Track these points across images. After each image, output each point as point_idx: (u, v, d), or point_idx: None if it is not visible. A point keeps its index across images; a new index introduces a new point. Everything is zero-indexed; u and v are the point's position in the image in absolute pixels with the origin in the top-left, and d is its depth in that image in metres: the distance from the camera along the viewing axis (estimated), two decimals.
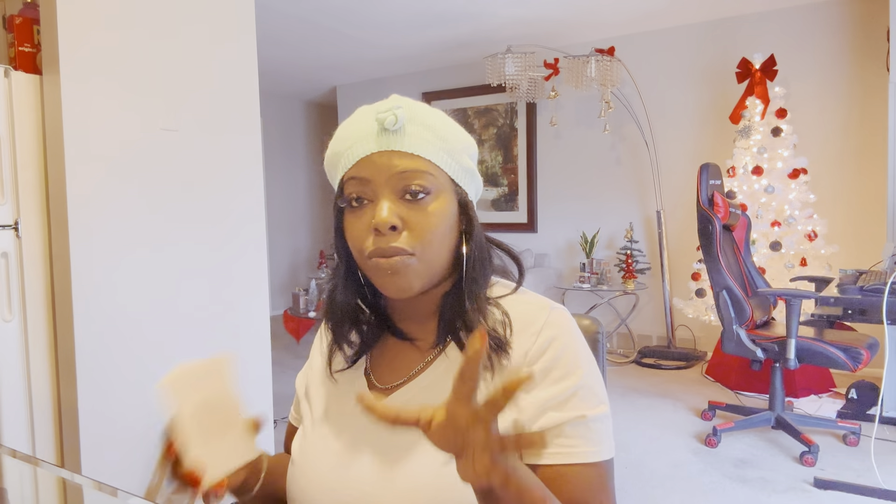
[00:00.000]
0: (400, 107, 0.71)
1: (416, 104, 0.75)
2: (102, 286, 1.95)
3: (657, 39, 4.62)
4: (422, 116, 0.73)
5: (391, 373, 0.79)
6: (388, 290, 0.73)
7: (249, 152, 2.40)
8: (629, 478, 2.59)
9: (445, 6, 4.03)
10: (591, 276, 4.62)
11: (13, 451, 1.03)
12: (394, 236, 0.70)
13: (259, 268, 2.45)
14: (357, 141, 0.72)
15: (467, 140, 0.78)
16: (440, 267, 0.74)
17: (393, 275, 0.71)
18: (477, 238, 0.76)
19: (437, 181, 0.72)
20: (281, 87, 6.39)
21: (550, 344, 0.71)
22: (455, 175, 0.74)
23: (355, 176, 0.72)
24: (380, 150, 0.71)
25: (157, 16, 2.08)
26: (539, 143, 5.23)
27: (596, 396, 0.72)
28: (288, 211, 6.90)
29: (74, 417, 1.90)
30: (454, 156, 0.74)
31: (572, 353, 0.72)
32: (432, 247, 0.71)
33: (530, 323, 0.73)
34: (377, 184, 0.71)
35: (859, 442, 2.84)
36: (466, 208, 0.76)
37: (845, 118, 4.00)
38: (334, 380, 0.82)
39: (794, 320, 2.66)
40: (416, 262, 0.71)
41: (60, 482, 0.97)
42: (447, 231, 0.73)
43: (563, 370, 0.71)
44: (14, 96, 1.85)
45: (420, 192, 0.70)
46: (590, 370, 0.73)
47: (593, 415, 0.70)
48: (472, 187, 0.78)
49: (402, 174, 0.70)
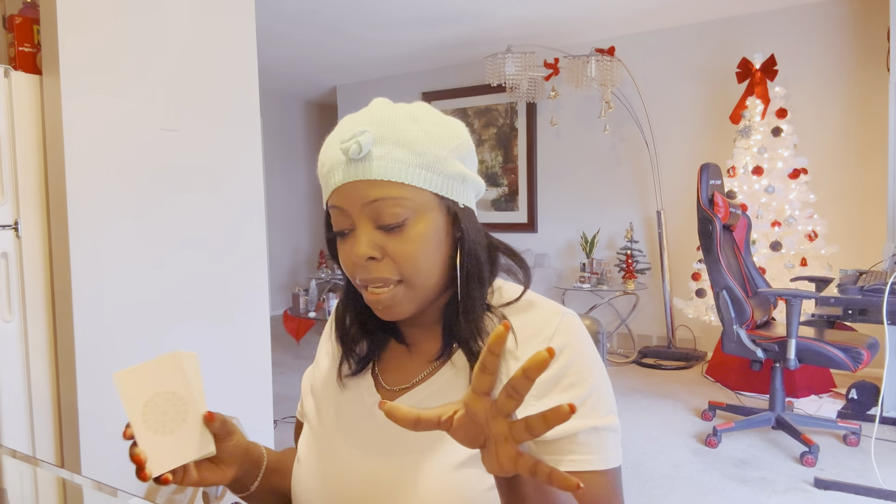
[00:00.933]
0: (365, 131, 0.67)
1: (391, 116, 0.70)
2: (102, 286, 1.95)
3: (657, 39, 4.62)
4: (395, 134, 0.68)
5: (398, 376, 0.78)
6: (384, 318, 0.73)
7: (249, 152, 2.40)
8: (629, 478, 2.59)
9: (445, 6, 4.03)
10: (591, 276, 4.62)
11: (13, 451, 1.03)
12: (376, 267, 0.69)
13: (259, 268, 2.45)
14: (330, 169, 0.70)
15: (455, 140, 0.72)
16: (433, 284, 0.72)
17: (384, 308, 0.71)
18: (471, 248, 0.72)
19: (414, 203, 0.68)
20: (281, 87, 6.39)
21: (562, 351, 0.70)
22: (438, 189, 0.70)
23: (334, 205, 0.71)
24: (349, 181, 0.69)
25: (157, 16, 2.08)
26: (539, 143, 5.23)
27: (606, 405, 0.71)
28: (288, 211, 6.90)
29: (74, 417, 1.90)
30: (436, 168, 0.70)
31: (584, 361, 0.71)
32: (418, 271, 0.70)
33: (541, 330, 0.72)
34: (353, 214, 0.69)
35: (859, 442, 2.84)
36: (458, 218, 0.72)
37: (845, 118, 4.00)
38: (343, 384, 0.81)
39: (794, 320, 2.66)
40: (405, 288, 0.70)
41: (60, 482, 0.97)
42: (433, 251, 0.70)
43: (574, 377, 0.70)
44: (14, 96, 1.85)
45: (394, 223, 0.68)
46: (601, 378, 0.72)
47: (604, 424, 0.70)
48: (466, 192, 0.74)
49: (373, 203, 0.68)
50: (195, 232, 2.22)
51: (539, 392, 0.69)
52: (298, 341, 4.90)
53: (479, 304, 0.73)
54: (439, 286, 0.73)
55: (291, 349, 4.99)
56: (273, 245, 6.53)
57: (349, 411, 0.79)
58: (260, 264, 2.45)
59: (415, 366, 0.78)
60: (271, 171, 6.55)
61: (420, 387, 0.75)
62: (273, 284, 6.61)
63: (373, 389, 0.78)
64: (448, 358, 0.75)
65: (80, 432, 1.90)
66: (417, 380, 0.76)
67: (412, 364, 0.78)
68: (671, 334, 4.52)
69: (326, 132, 0.76)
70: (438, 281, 0.72)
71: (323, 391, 0.84)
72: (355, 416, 0.78)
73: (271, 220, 6.52)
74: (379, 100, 0.74)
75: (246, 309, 2.40)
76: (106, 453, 1.96)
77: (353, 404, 0.79)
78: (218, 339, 2.29)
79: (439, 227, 0.71)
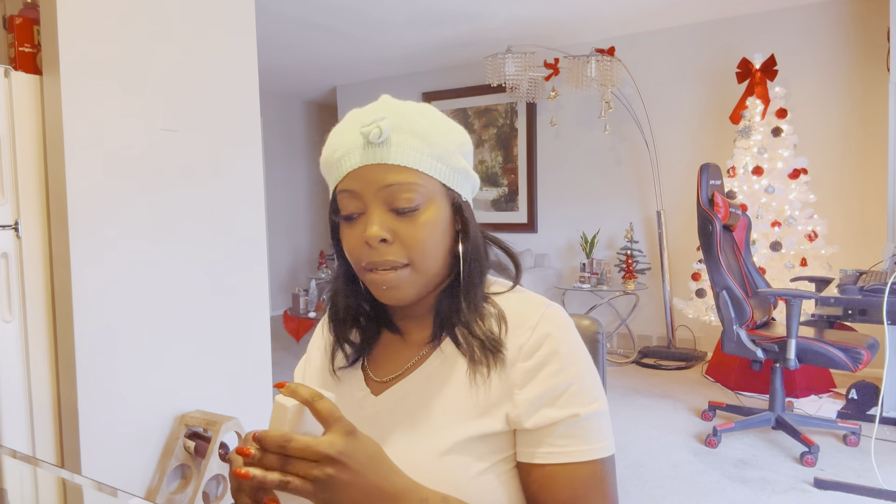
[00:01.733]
0: (385, 118, 0.70)
1: (404, 109, 0.73)
2: (102, 286, 1.95)
3: (657, 39, 4.62)
4: (409, 123, 0.72)
5: (387, 366, 0.80)
6: (385, 300, 0.75)
7: (249, 152, 2.40)
8: (629, 478, 2.59)
9: (445, 6, 4.03)
10: (591, 277, 4.62)
11: (13, 451, 1.03)
12: (386, 249, 0.71)
13: (259, 268, 2.45)
14: (345, 153, 0.72)
15: (460, 138, 0.77)
16: (436, 272, 0.75)
17: (389, 289, 0.73)
18: (472, 238, 0.76)
19: (426, 190, 0.72)
20: (281, 87, 6.39)
21: (545, 339, 0.72)
22: (446, 179, 0.74)
23: (346, 189, 0.72)
24: (366, 164, 0.71)
25: (157, 16, 2.09)
26: (539, 143, 5.23)
27: (590, 393, 0.72)
28: (288, 211, 6.90)
29: (74, 417, 1.90)
30: (445, 160, 0.73)
31: (567, 349, 0.72)
32: (426, 256, 0.72)
33: (526, 319, 0.73)
34: (366, 197, 0.71)
35: (859, 442, 2.84)
36: (461, 209, 0.76)
37: (845, 118, 4.00)
38: (337, 377, 0.82)
39: (794, 320, 2.66)
40: (411, 273, 0.72)
41: (60, 482, 0.97)
42: (440, 238, 0.73)
43: (557, 365, 0.71)
44: (14, 96, 1.85)
45: (408, 207, 0.71)
46: (585, 366, 0.73)
47: (586, 412, 0.70)
48: (467, 186, 0.78)
49: (389, 187, 0.70)
50: (195, 232, 2.22)
51: (522, 381, 0.71)
52: (298, 341, 4.90)
53: (480, 292, 0.76)
54: (441, 274, 0.76)
55: (291, 349, 4.99)
56: (273, 245, 6.54)
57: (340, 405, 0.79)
58: (260, 264, 2.45)
59: (403, 355, 0.79)
60: (271, 171, 6.55)
61: (409, 376, 0.76)
62: (273, 284, 6.61)
63: (362, 383, 0.80)
64: (437, 346, 0.76)
65: (80, 432, 1.90)
66: (406, 369, 0.77)
67: (401, 354, 0.79)
68: (671, 334, 4.52)
69: (326, 132, 0.78)
70: (441, 269, 0.75)
71: (316, 385, 0.84)
72: (345, 410, 0.78)
73: (271, 220, 6.52)
74: (386, 95, 0.76)
75: (246, 309, 2.40)
76: (106, 453, 1.96)
77: (343, 398, 0.80)
78: (218, 338, 2.29)
79: (445, 217, 0.74)
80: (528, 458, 0.71)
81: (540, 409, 0.70)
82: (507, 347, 0.72)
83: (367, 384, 0.79)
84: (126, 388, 2.03)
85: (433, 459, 0.70)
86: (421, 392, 0.74)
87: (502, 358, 0.72)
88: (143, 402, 2.07)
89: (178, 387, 2.17)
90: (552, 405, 0.70)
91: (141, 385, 2.07)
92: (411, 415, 0.74)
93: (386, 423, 0.74)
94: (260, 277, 2.45)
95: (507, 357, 0.72)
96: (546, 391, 0.70)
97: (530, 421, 0.70)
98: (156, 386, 2.11)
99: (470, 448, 0.70)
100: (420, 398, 0.74)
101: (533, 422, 0.70)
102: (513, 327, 0.74)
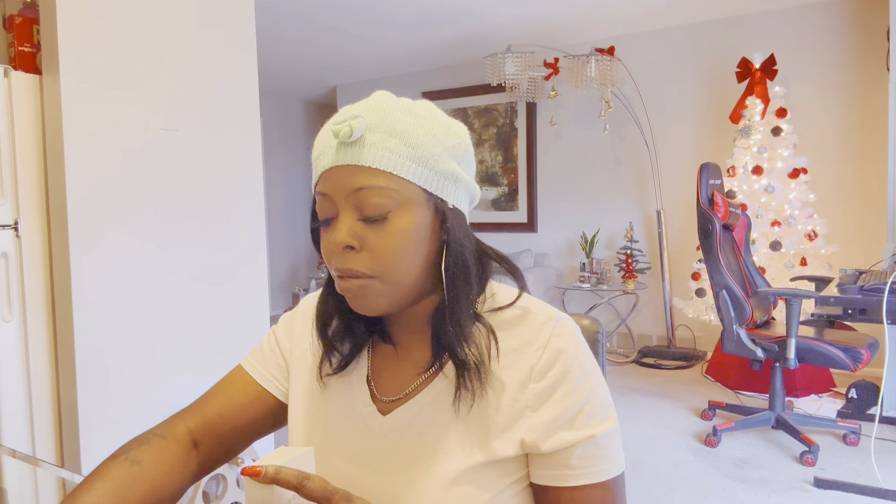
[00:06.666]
0: (359, 116, 0.66)
1: (389, 106, 0.68)
2: (102, 286, 1.95)
3: (657, 39, 4.62)
4: (390, 122, 0.67)
5: (392, 385, 0.76)
6: (355, 309, 0.70)
7: (249, 152, 2.40)
8: (629, 478, 2.59)
9: (446, 6, 4.03)
10: (591, 276, 4.62)
11: (13, 451, 1.03)
12: (352, 257, 0.67)
13: (259, 268, 2.45)
14: (321, 152, 0.69)
15: (453, 140, 0.70)
16: (412, 283, 0.69)
17: (354, 297, 0.69)
18: (456, 250, 0.69)
19: (400, 195, 0.66)
20: (281, 87, 6.39)
21: (558, 357, 0.69)
22: (427, 184, 0.68)
23: (320, 191, 0.69)
24: (337, 165, 0.67)
25: (157, 15, 2.09)
26: (539, 143, 5.23)
27: (604, 410, 0.70)
28: (288, 211, 6.90)
29: (74, 417, 1.90)
30: (428, 163, 0.67)
31: (579, 365, 0.69)
32: (395, 268, 0.67)
33: (535, 336, 0.70)
34: (337, 200, 0.67)
35: (859, 442, 2.84)
36: (445, 218, 0.69)
37: (845, 118, 4.00)
38: (323, 384, 0.78)
39: (794, 320, 2.66)
40: (378, 284, 0.67)
41: (60, 482, 0.97)
42: (415, 247, 0.67)
43: (571, 384, 0.68)
44: (14, 96, 1.85)
45: (377, 214, 0.66)
46: (597, 381, 0.71)
47: (602, 432, 0.68)
48: (458, 193, 0.71)
49: (358, 191, 0.66)
50: (195, 232, 2.22)
51: (536, 403, 0.68)
52: None
53: (465, 311, 0.70)
54: (418, 286, 0.70)
55: None
56: (273, 245, 6.54)
57: (343, 419, 0.76)
58: (260, 264, 2.45)
59: (407, 375, 0.75)
60: (271, 171, 6.55)
61: (414, 399, 0.73)
62: (273, 284, 6.60)
63: (368, 399, 0.75)
64: (440, 368, 0.72)
65: (80, 432, 1.90)
66: (410, 390, 0.74)
67: (405, 374, 0.75)
68: (671, 334, 4.52)
69: None
70: (416, 280, 0.69)
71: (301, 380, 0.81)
72: (349, 427, 0.75)
73: (271, 220, 6.52)
74: (380, 92, 0.72)
75: (246, 309, 2.40)
76: (106, 453, 1.96)
77: (344, 409, 0.76)
78: (218, 338, 2.29)
79: (423, 225, 0.68)
80: (544, 480, 0.68)
81: (556, 431, 0.67)
82: (514, 369, 0.69)
83: (373, 402, 0.75)
84: (126, 388, 2.03)
85: (442, 489, 0.67)
86: (428, 416, 0.71)
87: (493, 383, 0.69)
88: (143, 401, 2.07)
89: (179, 386, 2.17)
90: (569, 427, 0.68)
91: (141, 385, 2.07)
92: (418, 440, 0.71)
93: (392, 448, 0.71)
94: (260, 277, 2.45)
95: (517, 379, 0.69)
96: (561, 413, 0.68)
97: (546, 444, 0.67)
98: (156, 386, 2.11)
99: (479, 475, 0.68)
100: (427, 422, 0.71)
101: (549, 445, 0.67)
102: (520, 348, 0.70)
